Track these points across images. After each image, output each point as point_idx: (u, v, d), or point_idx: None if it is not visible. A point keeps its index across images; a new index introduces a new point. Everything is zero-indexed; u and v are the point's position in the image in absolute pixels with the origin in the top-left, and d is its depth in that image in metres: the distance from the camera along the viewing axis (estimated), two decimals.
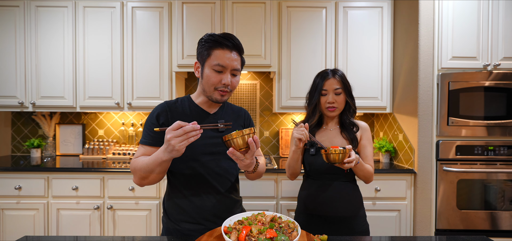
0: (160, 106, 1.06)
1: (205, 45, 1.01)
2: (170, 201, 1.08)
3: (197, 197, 1.05)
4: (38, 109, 2.28)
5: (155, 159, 0.91)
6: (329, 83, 1.28)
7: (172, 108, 1.06)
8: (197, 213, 1.04)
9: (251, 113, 2.64)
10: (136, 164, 0.99)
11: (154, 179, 0.99)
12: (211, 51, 1.00)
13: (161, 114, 1.04)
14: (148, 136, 1.03)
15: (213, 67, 1.00)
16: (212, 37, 1.01)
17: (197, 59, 1.06)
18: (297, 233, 0.83)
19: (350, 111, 1.33)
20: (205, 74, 1.01)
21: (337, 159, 1.08)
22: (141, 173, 0.97)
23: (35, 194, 2.00)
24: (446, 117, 1.94)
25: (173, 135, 0.83)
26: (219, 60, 0.99)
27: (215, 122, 1.07)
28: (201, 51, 1.03)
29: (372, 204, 2.02)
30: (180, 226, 1.04)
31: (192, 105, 1.08)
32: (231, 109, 1.17)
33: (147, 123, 1.04)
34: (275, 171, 2.00)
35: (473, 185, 1.94)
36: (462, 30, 1.96)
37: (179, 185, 1.06)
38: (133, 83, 2.26)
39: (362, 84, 2.23)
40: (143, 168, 0.95)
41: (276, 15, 2.27)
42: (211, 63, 1.00)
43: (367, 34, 2.25)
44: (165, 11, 2.25)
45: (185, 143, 0.84)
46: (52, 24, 2.25)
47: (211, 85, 1.01)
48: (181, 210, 1.05)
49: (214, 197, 1.06)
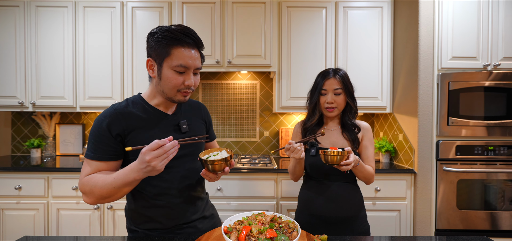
0: (108, 114, 0.91)
1: (162, 42, 0.88)
2: (135, 211, 1.00)
3: (164, 202, 0.97)
4: (38, 109, 2.28)
5: (124, 178, 0.82)
6: (329, 83, 1.27)
7: (124, 114, 0.92)
8: (165, 219, 0.98)
9: (251, 113, 2.64)
10: (91, 183, 0.86)
11: (119, 197, 0.88)
12: (170, 49, 0.88)
13: (112, 124, 0.90)
14: (100, 150, 0.89)
15: (174, 69, 0.89)
16: (169, 32, 0.88)
17: (149, 55, 0.92)
18: (297, 233, 0.83)
19: (351, 113, 1.31)
20: (165, 75, 0.90)
21: (335, 160, 1.08)
22: (102, 193, 0.85)
23: (35, 194, 2.00)
24: (446, 117, 1.94)
25: (153, 156, 0.77)
26: (181, 60, 0.88)
27: (176, 123, 1.00)
28: (156, 48, 0.89)
29: (372, 204, 2.02)
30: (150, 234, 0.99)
31: (147, 107, 0.97)
32: (189, 106, 1.09)
33: (95, 134, 0.90)
34: (275, 171, 2.00)
35: (473, 185, 1.94)
36: (462, 30, 1.96)
37: (143, 192, 0.97)
38: (133, 83, 2.26)
39: (362, 84, 2.23)
40: (105, 188, 0.84)
41: (276, 15, 2.27)
42: (171, 64, 0.88)
43: (367, 34, 2.25)
44: (165, 11, 2.25)
45: (166, 162, 0.80)
46: (52, 24, 2.25)
47: (173, 87, 0.91)
48: (147, 218, 0.98)
49: (182, 200, 1.00)
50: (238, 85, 2.64)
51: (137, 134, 0.92)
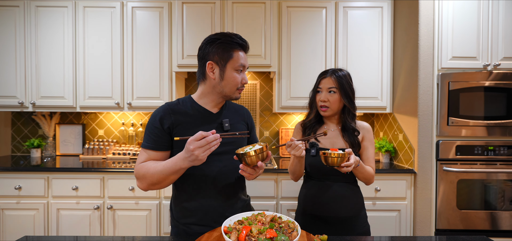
0: (162, 110, 1.04)
1: (226, 47, 1.02)
2: (177, 205, 1.08)
3: (204, 198, 1.04)
4: (38, 109, 2.28)
5: (172, 166, 0.92)
6: (324, 82, 1.28)
7: (174, 110, 1.04)
8: (205, 214, 1.04)
9: (251, 113, 2.64)
10: (144, 169, 0.97)
11: (167, 184, 0.99)
12: (233, 52, 1.02)
13: (164, 118, 1.02)
14: (152, 141, 1.01)
15: (236, 68, 1.03)
16: (230, 38, 1.03)
17: (210, 59, 1.02)
18: (297, 233, 0.83)
19: (349, 115, 1.29)
20: (228, 75, 1.03)
21: (335, 162, 1.08)
22: (153, 179, 0.96)
23: (35, 194, 2.00)
24: (446, 117, 1.94)
25: (196, 146, 0.86)
26: (242, 61, 1.04)
27: (220, 121, 1.08)
28: (220, 52, 1.01)
29: (372, 204, 2.02)
30: (189, 229, 1.04)
31: (195, 106, 1.07)
32: (233, 108, 1.18)
33: (150, 127, 1.02)
34: (275, 171, 2.00)
35: (473, 185, 1.94)
36: (462, 30, 1.96)
37: (186, 187, 1.06)
38: (133, 83, 2.26)
39: (362, 84, 2.23)
40: (156, 174, 0.95)
41: (276, 15, 2.27)
42: (234, 65, 1.02)
43: (367, 34, 2.25)
44: (165, 11, 2.25)
45: (208, 152, 0.88)
46: (52, 24, 2.25)
47: (234, 85, 1.04)
48: (188, 212, 1.05)
49: (220, 197, 1.06)
50: None
51: (184, 127, 1.03)
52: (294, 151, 1.11)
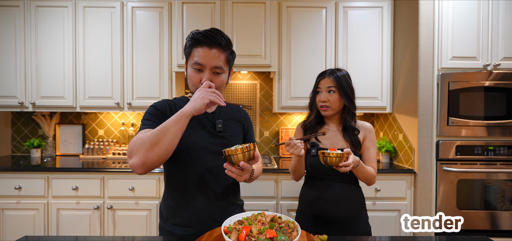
0: (160, 102, 1.04)
1: (187, 44, 1.00)
2: (165, 203, 1.06)
3: (193, 198, 1.01)
4: (38, 109, 2.28)
5: (174, 116, 0.86)
6: (323, 82, 1.29)
7: (171, 105, 1.04)
8: (193, 215, 1.01)
9: (251, 113, 2.64)
10: (139, 136, 0.87)
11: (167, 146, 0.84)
12: (192, 49, 0.98)
13: (162, 107, 1.02)
14: (153, 120, 0.97)
15: (192, 66, 0.97)
16: (193, 34, 0.98)
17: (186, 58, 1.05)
18: (297, 233, 0.83)
19: (349, 114, 1.30)
20: (188, 73, 1.00)
21: (334, 161, 1.08)
22: (152, 138, 0.83)
23: (35, 194, 2.00)
24: (446, 117, 1.94)
25: (205, 89, 0.88)
26: (197, 58, 0.96)
27: (213, 120, 1.06)
28: (185, 50, 1.02)
29: (372, 204, 2.02)
30: (174, 231, 1.01)
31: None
32: (229, 108, 1.15)
33: (149, 110, 1.01)
34: (275, 171, 2.00)
35: (473, 185, 1.94)
36: (462, 30, 1.96)
37: (175, 186, 1.04)
38: (133, 83, 2.26)
39: (362, 84, 2.23)
40: (155, 131, 0.84)
41: (276, 15, 2.27)
42: (191, 62, 0.98)
43: (367, 34, 2.25)
44: (165, 11, 2.25)
45: (212, 97, 0.87)
46: (52, 24, 2.25)
47: (193, 85, 0.99)
48: (175, 212, 1.02)
49: (210, 198, 1.03)
50: (238, 85, 2.64)
51: None
52: (293, 149, 1.12)
